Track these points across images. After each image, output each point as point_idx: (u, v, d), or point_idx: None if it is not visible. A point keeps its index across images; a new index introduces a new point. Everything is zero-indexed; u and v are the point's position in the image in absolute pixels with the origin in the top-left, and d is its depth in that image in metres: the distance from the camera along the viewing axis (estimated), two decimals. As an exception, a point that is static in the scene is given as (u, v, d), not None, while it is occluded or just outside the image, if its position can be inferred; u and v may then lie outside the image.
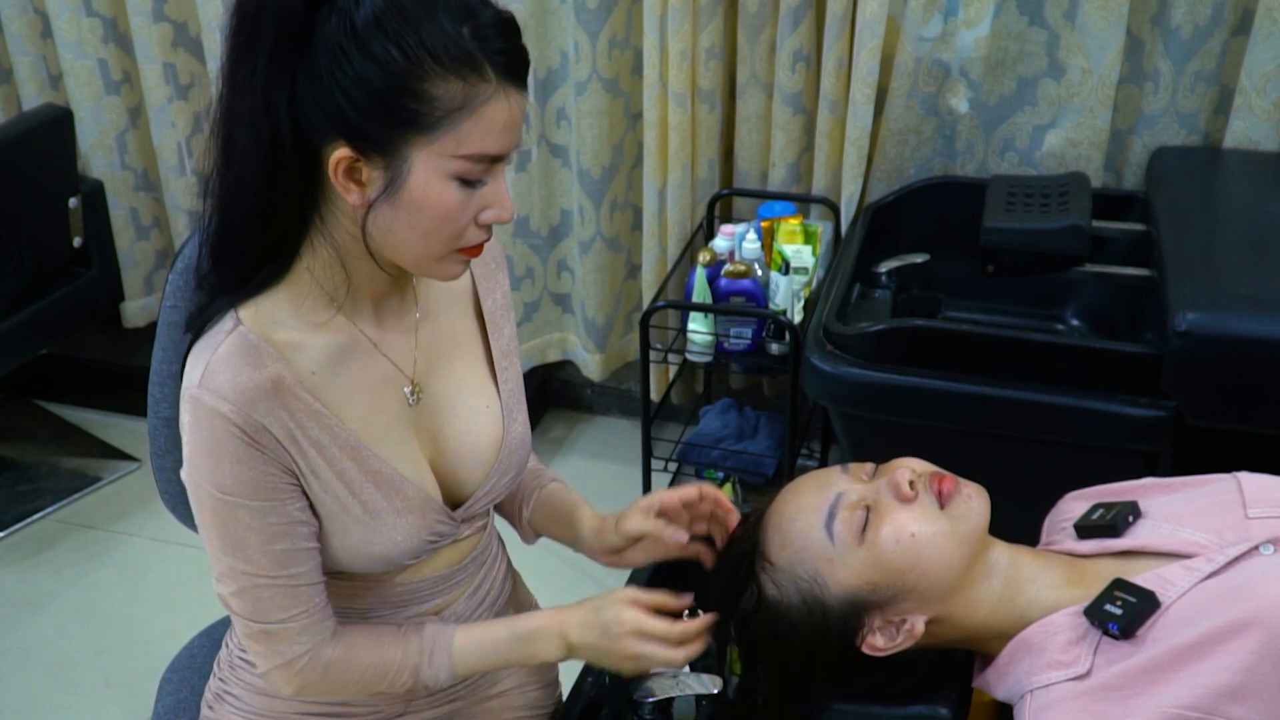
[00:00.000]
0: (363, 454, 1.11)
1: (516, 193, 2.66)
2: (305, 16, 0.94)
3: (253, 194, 1.01)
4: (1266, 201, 1.98)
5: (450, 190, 1.00)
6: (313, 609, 1.12)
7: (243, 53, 0.97)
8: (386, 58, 0.94)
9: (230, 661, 1.28)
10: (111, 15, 2.81)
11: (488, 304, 1.25)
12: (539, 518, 1.37)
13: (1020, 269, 1.99)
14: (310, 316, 1.08)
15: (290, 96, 0.96)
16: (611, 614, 1.15)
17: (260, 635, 1.12)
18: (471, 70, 0.96)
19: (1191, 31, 2.15)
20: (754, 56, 2.40)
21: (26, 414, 3.08)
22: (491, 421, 1.22)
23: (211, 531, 1.08)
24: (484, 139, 0.99)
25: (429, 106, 0.96)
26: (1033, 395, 1.79)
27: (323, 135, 0.98)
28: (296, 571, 1.09)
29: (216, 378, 1.03)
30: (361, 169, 0.99)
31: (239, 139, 0.99)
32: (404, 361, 1.15)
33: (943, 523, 1.12)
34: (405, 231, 1.02)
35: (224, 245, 1.06)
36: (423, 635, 1.18)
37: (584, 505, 1.34)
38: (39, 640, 2.39)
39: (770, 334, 2.30)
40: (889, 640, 1.14)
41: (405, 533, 1.14)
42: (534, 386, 2.98)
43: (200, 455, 1.05)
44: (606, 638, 1.15)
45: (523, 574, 1.46)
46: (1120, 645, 1.03)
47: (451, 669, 1.18)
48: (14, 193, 2.48)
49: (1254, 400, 1.68)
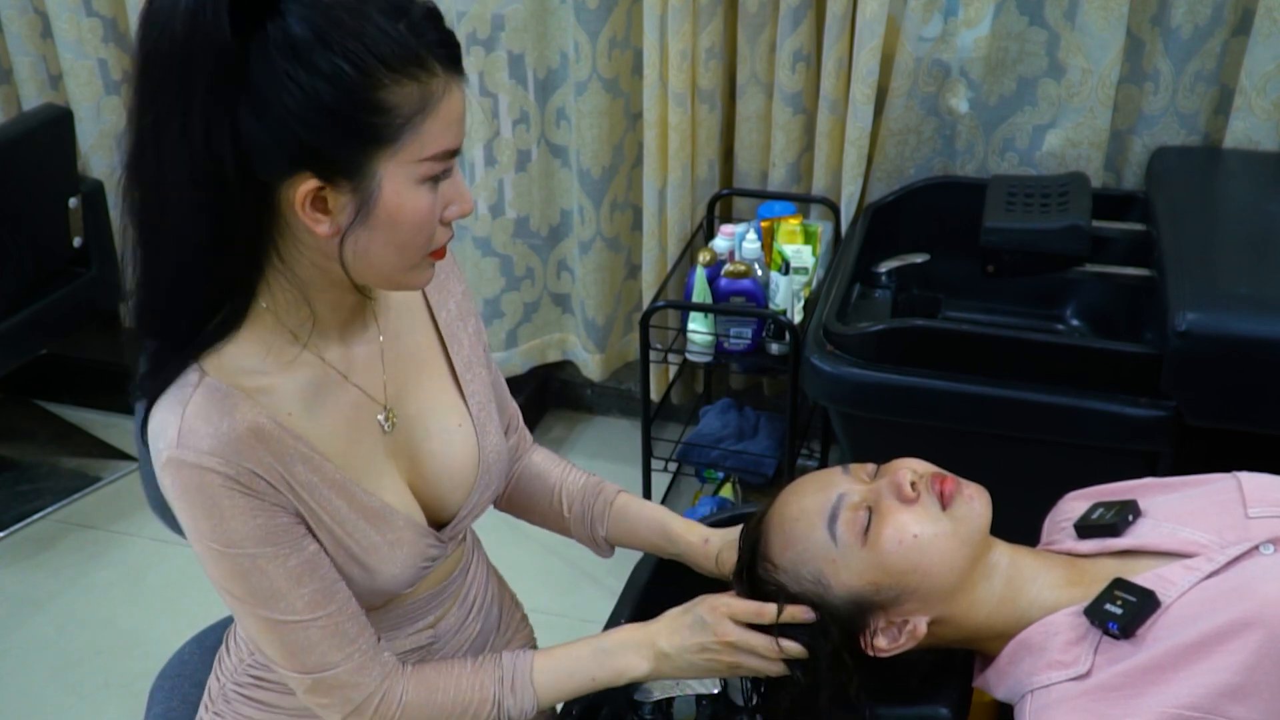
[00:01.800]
0: (351, 490, 1.08)
1: (516, 193, 2.66)
2: (236, 45, 0.87)
3: (195, 245, 0.94)
4: (1266, 201, 1.98)
5: (422, 195, 0.97)
6: (363, 643, 1.09)
7: (165, 98, 0.90)
8: (336, 72, 0.89)
9: (224, 694, 1.25)
10: (111, 15, 2.81)
11: (442, 316, 1.21)
12: (619, 533, 1.34)
13: (1020, 269, 1.99)
14: (277, 357, 1.03)
15: (233, 133, 0.89)
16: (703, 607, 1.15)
17: (321, 686, 1.08)
18: (420, 69, 0.92)
19: (1191, 31, 2.15)
20: (754, 56, 2.40)
21: (26, 414, 3.08)
22: (465, 439, 1.18)
23: (238, 592, 1.04)
24: (443, 135, 0.96)
25: (389, 117, 0.92)
26: (1033, 395, 1.79)
27: (279, 169, 0.92)
28: (334, 609, 1.06)
29: (194, 434, 0.98)
30: (328, 197, 0.94)
31: (173, 187, 0.92)
32: (374, 388, 1.12)
33: (944, 523, 1.12)
34: (383, 249, 0.98)
35: (167, 300, 0.99)
36: (500, 664, 1.16)
37: (672, 519, 1.33)
38: (39, 640, 2.39)
39: (770, 334, 2.30)
40: (892, 641, 1.14)
41: (401, 564, 1.12)
42: (534, 386, 2.98)
43: (200, 518, 1.00)
44: (701, 650, 1.14)
45: (523, 574, 1.45)
46: (1120, 645, 1.03)
47: (536, 695, 1.15)
48: (14, 193, 2.47)
49: (1254, 400, 1.68)
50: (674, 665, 1.16)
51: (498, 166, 2.63)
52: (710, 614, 1.14)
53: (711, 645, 1.14)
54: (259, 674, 1.23)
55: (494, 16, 2.47)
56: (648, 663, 1.16)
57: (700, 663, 1.15)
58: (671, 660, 1.15)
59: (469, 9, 2.45)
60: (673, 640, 1.15)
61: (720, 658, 1.14)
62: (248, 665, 1.24)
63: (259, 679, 1.23)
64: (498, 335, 2.81)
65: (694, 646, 1.14)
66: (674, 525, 1.32)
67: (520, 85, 2.55)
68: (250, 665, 1.24)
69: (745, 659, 1.14)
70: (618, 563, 1.39)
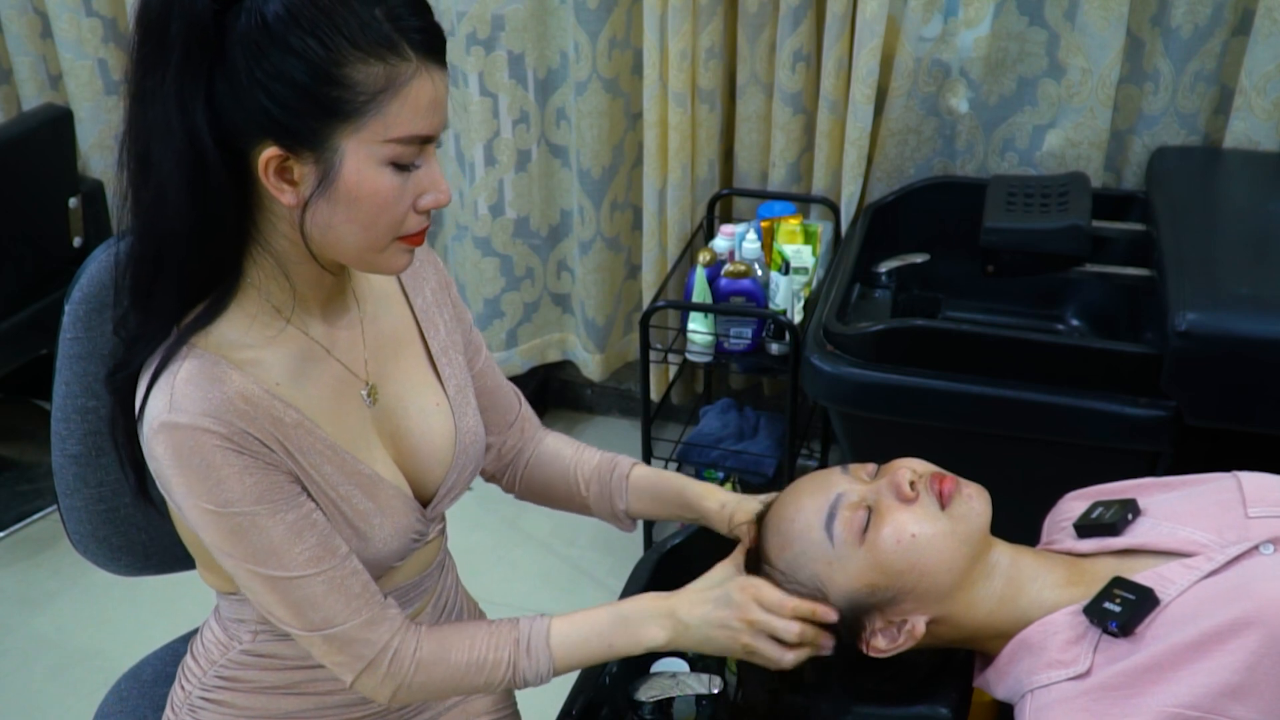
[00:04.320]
0: (343, 457, 1.09)
1: (516, 193, 2.66)
2: (214, 20, 0.92)
3: (177, 211, 0.97)
4: (1266, 201, 1.98)
5: (385, 177, 0.99)
6: (369, 597, 1.09)
7: (150, 64, 0.95)
8: (305, 49, 0.93)
9: (190, 703, 1.25)
10: (111, 15, 2.81)
11: (418, 302, 1.23)
12: (638, 505, 1.35)
13: (1020, 269, 1.99)
14: (262, 332, 1.06)
15: (208, 103, 0.94)
16: (733, 584, 1.14)
17: (330, 644, 1.08)
18: (390, 51, 0.95)
19: (1191, 31, 2.15)
20: (754, 56, 2.40)
21: (26, 414, 3.08)
22: (443, 419, 1.21)
23: (237, 553, 1.04)
24: (411, 120, 0.98)
25: (352, 93, 0.95)
26: (1033, 395, 1.79)
27: (248, 138, 0.96)
28: (334, 564, 1.07)
29: (187, 399, 1.00)
30: (293, 167, 0.97)
31: (155, 154, 0.96)
32: (356, 364, 1.14)
33: (943, 523, 1.12)
34: (344, 225, 1.00)
35: (154, 268, 1.02)
36: (517, 626, 1.16)
37: (689, 485, 1.33)
38: (39, 640, 2.39)
39: (770, 334, 2.30)
40: (890, 641, 1.14)
41: (391, 533, 1.13)
42: (534, 386, 2.98)
43: (194, 480, 1.01)
44: (725, 606, 1.13)
45: (523, 574, 1.46)
46: (1120, 644, 1.03)
47: (552, 659, 1.14)
48: (14, 193, 2.48)
49: (1254, 400, 1.68)
50: (692, 638, 1.15)
51: (498, 166, 2.63)
52: (739, 592, 1.14)
53: (733, 623, 1.13)
54: (232, 673, 1.23)
55: (494, 16, 2.47)
56: (666, 633, 1.15)
57: (719, 639, 1.14)
58: (691, 632, 1.15)
59: (469, 9, 2.45)
60: (694, 612, 1.15)
61: (740, 638, 1.13)
62: (219, 666, 1.23)
63: (231, 679, 1.23)
64: (498, 335, 2.81)
65: (716, 620, 1.13)
66: (691, 491, 1.32)
67: (520, 85, 2.55)
68: (222, 666, 1.23)
69: (763, 644, 1.13)
70: (618, 563, 1.39)
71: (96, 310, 1.19)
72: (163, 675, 1.42)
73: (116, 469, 1.26)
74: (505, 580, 2.46)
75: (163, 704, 1.33)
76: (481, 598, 1.45)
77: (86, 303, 1.19)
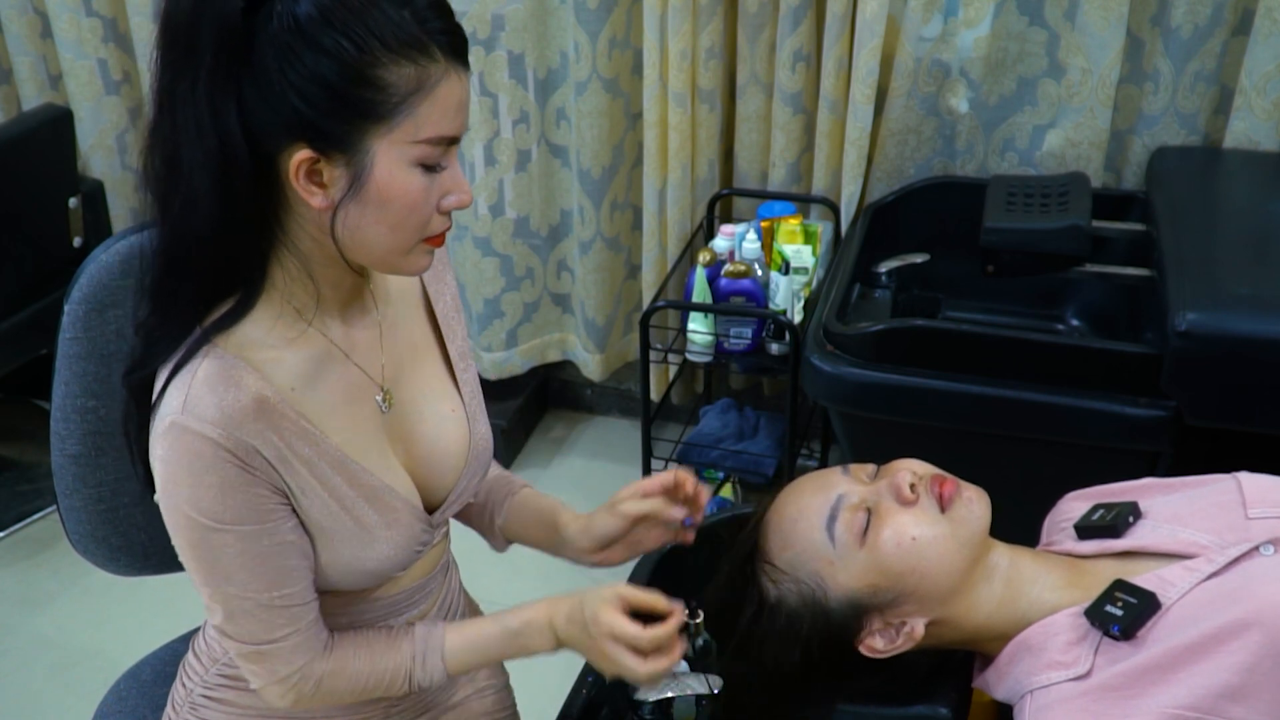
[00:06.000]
0: (350, 468, 1.09)
1: (516, 193, 2.66)
2: (244, 22, 0.92)
3: (207, 214, 0.97)
4: (1266, 201, 1.98)
5: (414, 178, 0.99)
6: (305, 626, 1.11)
7: (179, 67, 0.94)
8: (338, 49, 0.92)
9: (191, 700, 1.26)
10: (111, 15, 2.81)
11: (439, 307, 1.24)
12: (514, 525, 1.34)
13: (1020, 269, 1.99)
14: (283, 334, 1.06)
15: (238, 105, 0.94)
16: (591, 611, 1.11)
17: (254, 655, 1.10)
18: (420, 53, 0.95)
19: (1191, 31, 2.15)
20: (754, 56, 2.40)
21: (26, 414, 3.08)
22: (457, 425, 1.21)
23: (195, 558, 1.06)
24: (440, 121, 0.98)
25: (385, 94, 0.95)
26: (1033, 395, 1.78)
27: (278, 140, 0.96)
28: (288, 592, 1.08)
29: (200, 403, 1.00)
30: (323, 170, 0.97)
31: (185, 157, 0.96)
32: (373, 368, 1.14)
33: (943, 526, 1.12)
34: (374, 227, 1.00)
35: (180, 270, 1.02)
36: (414, 638, 1.18)
37: (563, 508, 1.32)
38: (39, 640, 2.40)
39: (770, 334, 2.30)
40: (889, 642, 1.14)
41: (394, 544, 1.13)
42: (534, 386, 2.98)
43: (181, 482, 1.02)
44: (587, 636, 1.12)
45: (523, 574, 1.46)
46: (1121, 646, 1.03)
47: (446, 670, 1.18)
48: (14, 193, 2.48)
49: (1254, 400, 1.68)
50: (573, 649, 1.16)
51: (498, 166, 2.63)
52: (599, 601, 1.11)
53: (591, 633, 1.11)
54: (234, 671, 1.23)
55: (494, 16, 2.47)
56: (551, 645, 1.16)
57: (587, 647, 1.13)
58: (569, 645, 1.15)
59: (469, 9, 2.45)
60: (568, 630, 1.14)
61: (600, 647, 1.11)
62: (221, 665, 1.24)
63: (233, 677, 1.23)
64: (498, 335, 2.81)
65: (580, 630, 1.12)
66: (562, 511, 1.31)
67: (520, 85, 2.55)
68: (224, 665, 1.24)
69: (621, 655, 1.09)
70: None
71: (96, 310, 1.19)
72: (162, 675, 1.42)
73: (116, 469, 1.27)
74: (505, 581, 2.45)
75: (162, 704, 1.33)
76: (482, 598, 1.45)
77: (86, 303, 1.19)
